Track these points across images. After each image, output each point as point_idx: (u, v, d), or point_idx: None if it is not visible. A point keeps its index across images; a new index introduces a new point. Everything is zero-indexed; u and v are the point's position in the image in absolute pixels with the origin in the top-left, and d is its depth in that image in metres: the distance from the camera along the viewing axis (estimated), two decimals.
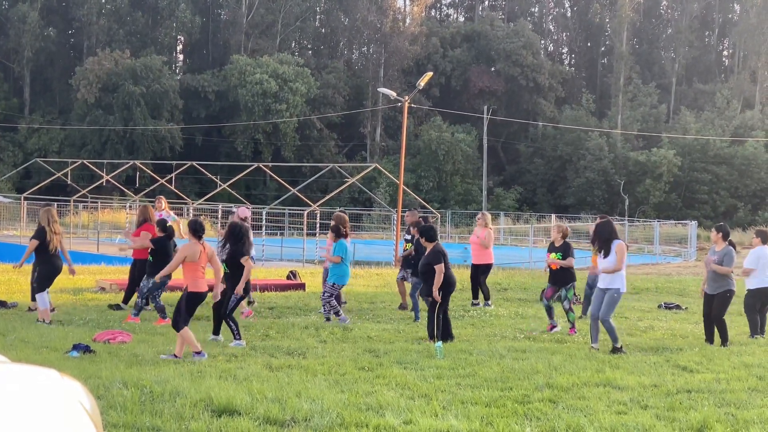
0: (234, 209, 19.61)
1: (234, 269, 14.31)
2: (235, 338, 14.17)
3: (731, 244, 15.97)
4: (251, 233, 18.01)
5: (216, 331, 14.78)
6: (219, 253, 15.03)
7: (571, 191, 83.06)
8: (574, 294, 18.02)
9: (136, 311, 16.95)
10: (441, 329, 15.20)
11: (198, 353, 12.72)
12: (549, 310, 16.93)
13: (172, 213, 22.75)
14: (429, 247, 15.63)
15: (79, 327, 15.80)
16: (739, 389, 11.15)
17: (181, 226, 21.23)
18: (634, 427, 8.84)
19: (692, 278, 31.36)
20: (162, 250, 16.80)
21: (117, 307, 18.31)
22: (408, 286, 19.21)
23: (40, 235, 16.30)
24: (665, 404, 10.10)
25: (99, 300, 19.68)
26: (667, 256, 48.78)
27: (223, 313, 14.32)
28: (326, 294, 17.50)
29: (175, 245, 17.27)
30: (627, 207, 75.97)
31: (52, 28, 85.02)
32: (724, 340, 15.50)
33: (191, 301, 13.10)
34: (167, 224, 17.38)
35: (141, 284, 17.19)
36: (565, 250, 16.88)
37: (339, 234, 17.69)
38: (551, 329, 16.69)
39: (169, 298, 17.63)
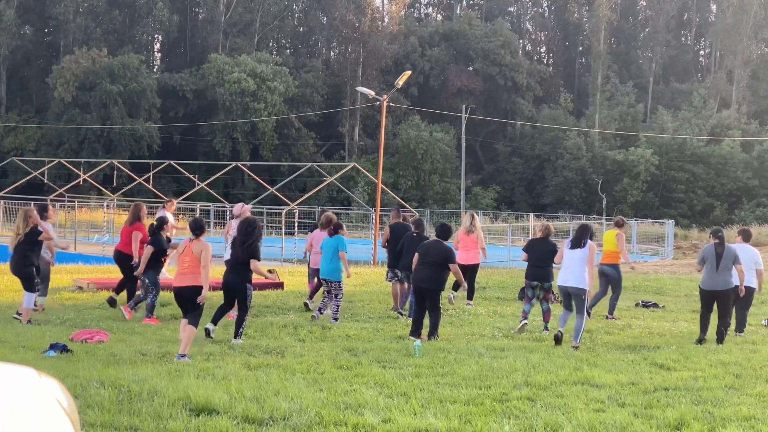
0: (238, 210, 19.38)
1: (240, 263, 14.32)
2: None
3: (722, 242, 16.03)
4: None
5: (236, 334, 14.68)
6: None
7: (549, 190, 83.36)
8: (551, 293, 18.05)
9: (150, 312, 16.91)
10: (412, 324, 15.56)
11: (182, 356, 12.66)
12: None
13: (171, 217, 22.76)
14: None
15: (56, 326, 15.71)
16: (716, 387, 11.21)
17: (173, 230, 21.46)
18: (611, 425, 8.87)
19: (669, 277, 31.51)
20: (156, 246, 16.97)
21: (112, 300, 18.26)
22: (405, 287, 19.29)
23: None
24: (642, 402, 10.14)
25: (76, 299, 19.58)
26: (644, 254, 48.99)
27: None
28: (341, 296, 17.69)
29: (169, 240, 17.41)
30: (605, 206, 76.29)
31: (29, 26, 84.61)
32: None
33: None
34: (152, 224, 17.54)
35: (145, 280, 17.18)
36: None
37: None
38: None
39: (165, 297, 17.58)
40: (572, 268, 14.77)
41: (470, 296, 20.75)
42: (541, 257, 16.85)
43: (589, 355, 13.66)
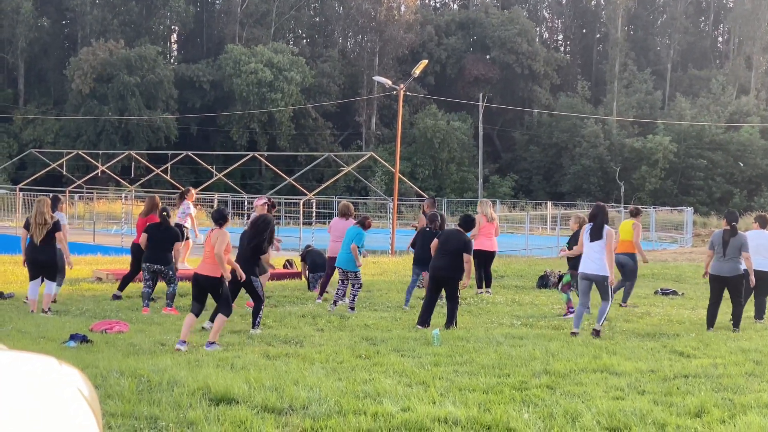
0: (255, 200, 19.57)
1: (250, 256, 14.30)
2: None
3: (732, 229, 15.92)
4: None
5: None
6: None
7: (567, 179, 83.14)
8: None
9: (170, 301, 16.96)
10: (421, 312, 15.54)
11: (181, 341, 12.68)
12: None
13: (191, 206, 22.81)
14: None
15: (76, 317, 15.78)
16: (736, 374, 11.17)
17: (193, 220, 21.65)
18: (631, 413, 8.84)
19: (688, 264, 31.41)
20: (153, 236, 17.08)
21: (116, 297, 18.28)
22: None
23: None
24: (662, 389, 10.11)
25: (96, 290, 19.67)
26: (663, 242, 48.85)
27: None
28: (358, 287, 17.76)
29: (178, 234, 17.51)
30: (623, 194, 76.06)
31: (46, 18, 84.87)
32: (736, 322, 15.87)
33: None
34: (163, 213, 17.60)
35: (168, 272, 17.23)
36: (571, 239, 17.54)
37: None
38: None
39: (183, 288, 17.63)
40: (593, 257, 14.70)
41: (488, 284, 20.83)
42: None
43: (608, 342, 13.63)
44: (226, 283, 13.28)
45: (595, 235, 14.72)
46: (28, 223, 16.29)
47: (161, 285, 17.97)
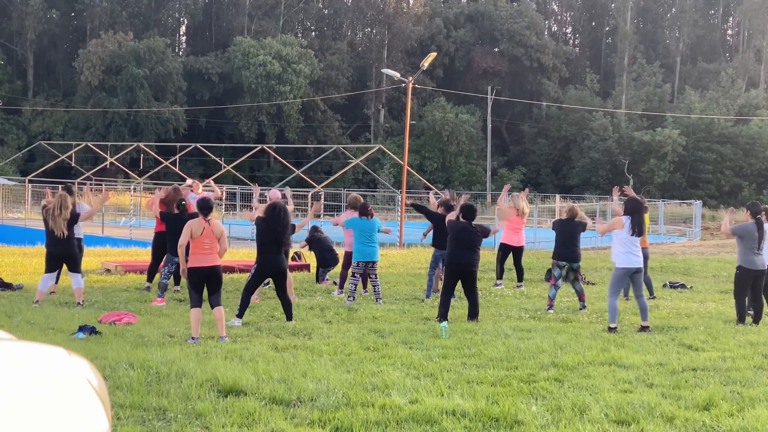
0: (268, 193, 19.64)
1: None
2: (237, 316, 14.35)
3: (758, 222, 15.71)
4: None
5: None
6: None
7: (575, 171, 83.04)
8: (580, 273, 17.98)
9: (161, 292, 16.93)
10: (440, 308, 15.35)
11: (193, 338, 12.66)
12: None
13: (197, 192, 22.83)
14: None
15: (85, 308, 15.81)
16: (744, 367, 11.15)
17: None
18: (639, 405, 8.84)
19: (697, 257, 31.36)
20: (172, 228, 17.03)
21: (147, 289, 18.28)
22: None
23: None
24: (671, 382, 10.10)
25: (104, 281, 19.71)
26: (671, 235, 48.76)
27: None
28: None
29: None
30: (631, 187, 75.67)
31: (55, 10, 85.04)
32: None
33: (189, 277, 13.10)
34: (182, 203, 17.57)
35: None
36: None
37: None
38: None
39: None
40: (636, 251, 14.53)
41: (520, 278, 20.77)
42: (569, 238, 16.95)
43: (616, 335, 13.62)
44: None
45: (639, 230, 14.56)
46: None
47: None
